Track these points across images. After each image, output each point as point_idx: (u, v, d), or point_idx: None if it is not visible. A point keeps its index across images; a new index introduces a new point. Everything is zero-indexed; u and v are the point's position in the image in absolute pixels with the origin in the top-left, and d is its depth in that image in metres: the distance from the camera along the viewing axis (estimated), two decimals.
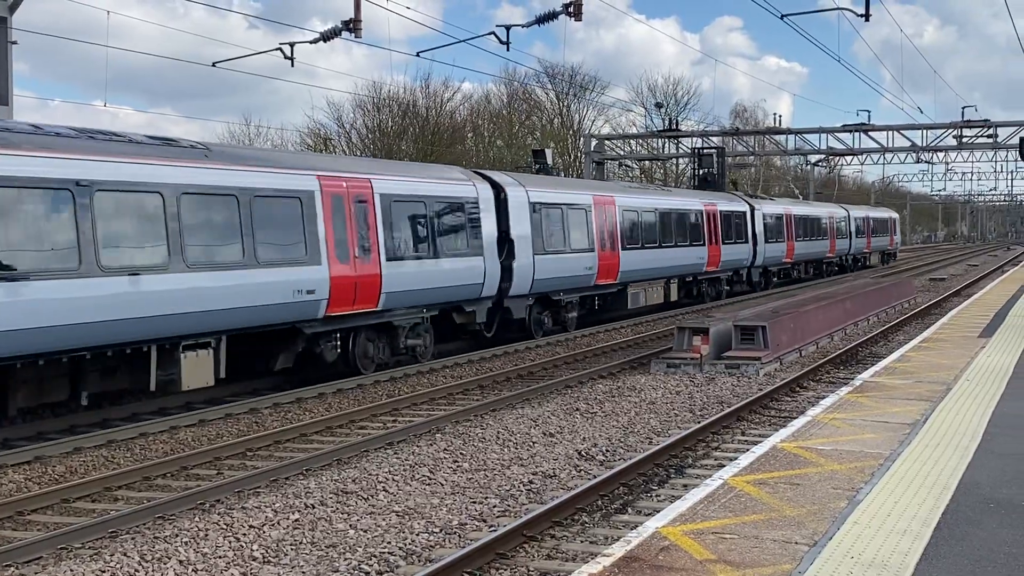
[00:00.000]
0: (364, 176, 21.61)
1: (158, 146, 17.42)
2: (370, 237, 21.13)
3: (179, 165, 17.29)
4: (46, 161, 14.91)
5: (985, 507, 9.03)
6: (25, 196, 14.62)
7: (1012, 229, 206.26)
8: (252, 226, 18.28)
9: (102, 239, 15.57)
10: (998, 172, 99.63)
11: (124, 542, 10.69)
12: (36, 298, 14.44)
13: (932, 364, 17.92)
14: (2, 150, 14.41)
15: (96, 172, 15.62)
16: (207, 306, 17.24)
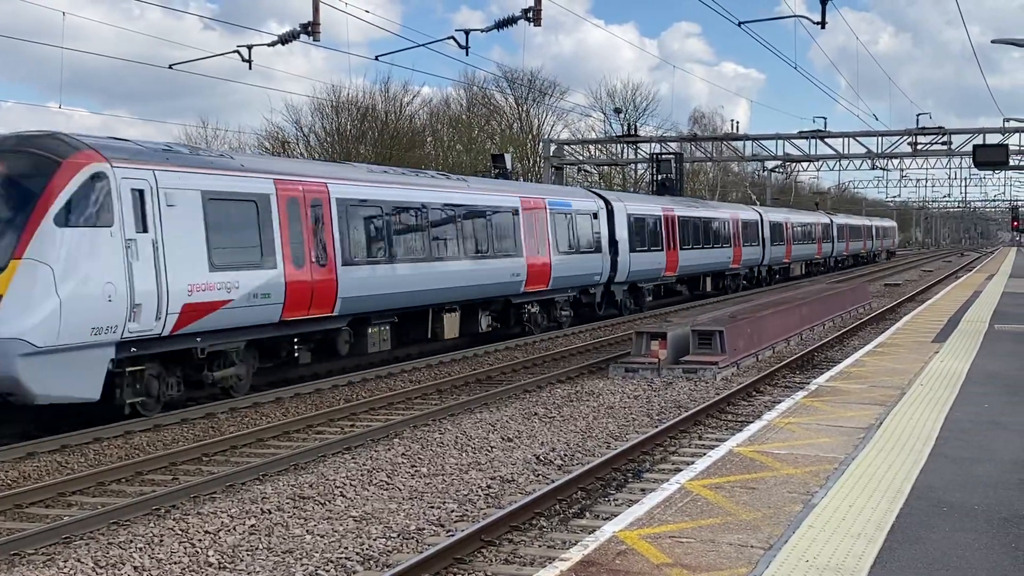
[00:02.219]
0: (540, 196, 30.96)
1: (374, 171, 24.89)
2: (546, 238, 30.02)
3: (393, 186, 23.99)
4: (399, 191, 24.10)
5: (938, 510, 9.13)
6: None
7: (966, 235, 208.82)
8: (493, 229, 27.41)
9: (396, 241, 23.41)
10: (952, 179, 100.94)
11: (78, 548, 10.59)
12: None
13: (886, 369, 18.09)
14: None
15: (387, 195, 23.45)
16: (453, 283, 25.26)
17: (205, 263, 17.66)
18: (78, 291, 15.26)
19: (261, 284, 18.90)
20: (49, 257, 15.07)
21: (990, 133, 50.25)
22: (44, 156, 15.87)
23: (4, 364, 14.50)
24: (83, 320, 15.30)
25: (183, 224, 17.31)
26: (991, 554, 7.98)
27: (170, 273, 16.79)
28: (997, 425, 13.06)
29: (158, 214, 16.86)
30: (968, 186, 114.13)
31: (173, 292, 16.84)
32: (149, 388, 17.27)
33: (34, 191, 15.41)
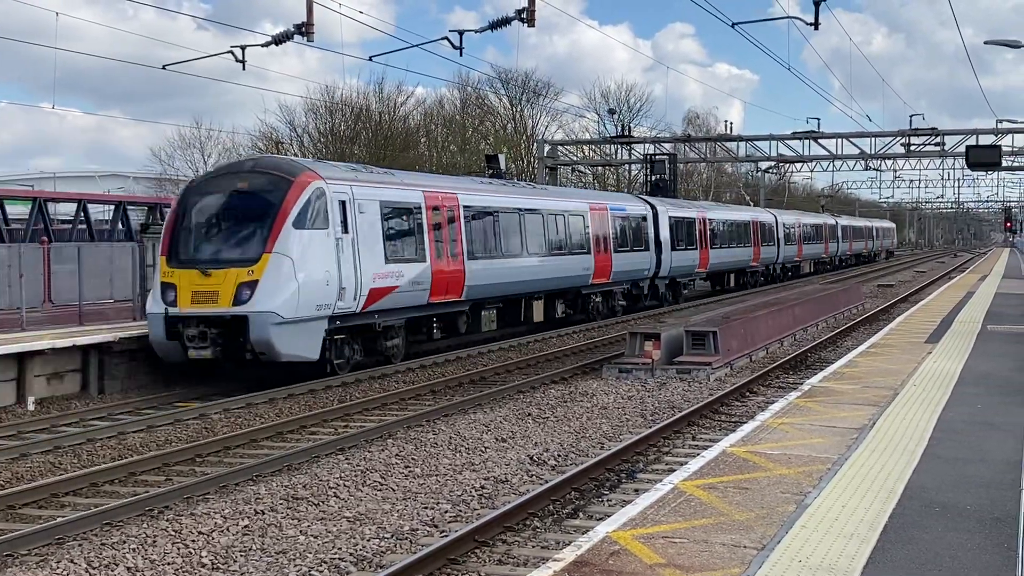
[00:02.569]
0: (602, 202, 36.13)
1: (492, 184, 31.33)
2: (608, 238, 34.75)
3: (499, 194, 29.38)
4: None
5: (931, 511, 9.14)
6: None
7: (959, 236, 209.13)
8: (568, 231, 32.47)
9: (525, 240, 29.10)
10: (945, 180, 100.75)
11: (71, 549, 10.57)
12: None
13: (880, 369, 18.11)
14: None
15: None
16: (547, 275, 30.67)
17: (383, 257, 22.56)
18: (309, 277, 20.14)
19: (416, 274, 23.73)
20: (290, 251, 19.95)
21: (983, 134, 50.31)
22: (280, 176, 20.79)
23: (261, 330, 19.45)
24: (311, 299, 20.24)
25: (369, 226, 22.18)
26: (983, 554, 7.99)
27: (362, 264, 21.69)
28: (990, 425, 13.08)
29: (355, 219, 21.66)
30: (961, 187, 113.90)
31: (364, 279, 21.69)
32: (343, 352, 21.96)
33: (275, 202, 20.21)
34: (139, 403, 19.40)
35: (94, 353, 20.41)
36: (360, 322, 22.08)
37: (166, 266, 20.51)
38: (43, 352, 19.31)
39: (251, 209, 20.47)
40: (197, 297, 19.93)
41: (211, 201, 21.01)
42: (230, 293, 19.70)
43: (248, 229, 20.37)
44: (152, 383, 21.34)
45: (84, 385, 20.40)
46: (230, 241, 20.55)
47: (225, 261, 20.10)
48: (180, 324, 19.95)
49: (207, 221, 20.90)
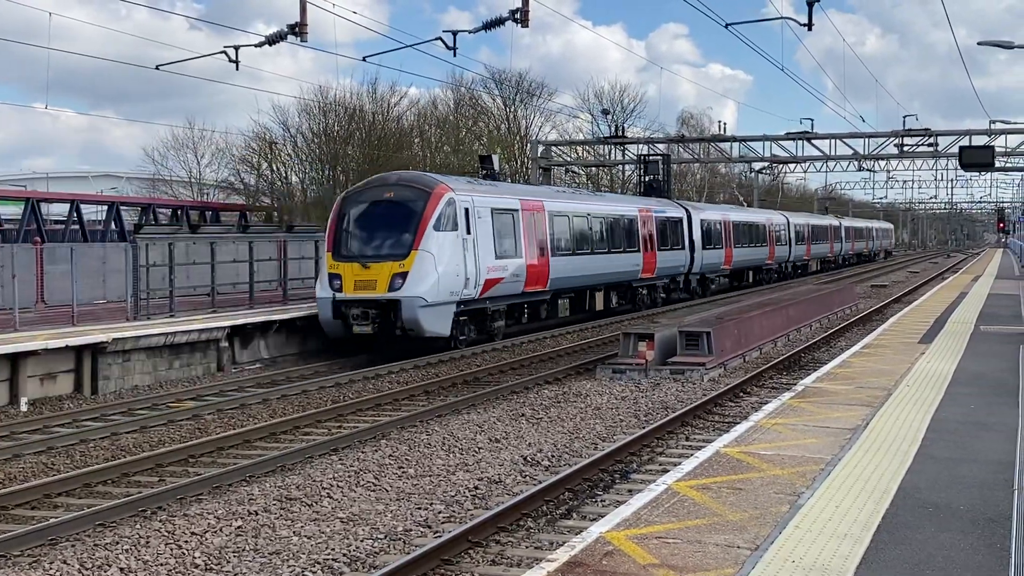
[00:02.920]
0: (648, 206, 40.44)
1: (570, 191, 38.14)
2: (653, 238, 39.10)
3: (572, 201, 34.92)
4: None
5: (924, 511, 9.16)
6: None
7: (952, 236, 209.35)
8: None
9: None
10: (938, 180, 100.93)
11: (64, 549, 10.56)
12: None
13: (873, 370, 18.13)
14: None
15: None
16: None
17: (493, 253, 27.27)
18: (445, 270, 24.98)
19: (515, 268, 28.47)
20: (431, 248, 24.81)
21: (976, 135, 50.37)
22: (421, 188, 25.83)
23: (411, 312, 24.30)
24: (446, 288, 25.09)
25: (484, 229, 27.00)
26: (976, 554, 8.01)
27: (480, 260, 26.45)
28: (983, 426, 13.10)
29: (474, 223, 26.38)
30: (954, 187, 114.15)
31: (481, 272, 26.43)
32: (464, 330, 26.60)
33: (418, 210, 25.12)
34: (132, 403, 19.37)
35: (87, 353, 20.39)
36: (477, 306, 27.01)
37: (332, 260, 25.36)
38: (36, 352, 19.28)
39: (399, 215, 25.42)
40: (359, 285, 24.86)
41: (365, 208, 25.97)
42: (386, 282, 24.62)
43: (398, 230, 25.26)
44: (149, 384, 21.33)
45: (77, 386, 20.38)
46: (384, 240, 25.41)
47: (381, 256, 25.07)
48: (344, 306, 24.87)
49: (363, 224, 25.81)
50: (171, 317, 24.51)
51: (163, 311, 24.97)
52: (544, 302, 31.13)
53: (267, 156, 62.28)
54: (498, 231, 27.78)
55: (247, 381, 21.88)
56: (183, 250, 26.83)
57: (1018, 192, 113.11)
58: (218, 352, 23.55)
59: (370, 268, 24.86)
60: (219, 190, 65.25)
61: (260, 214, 58.99)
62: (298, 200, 62.01)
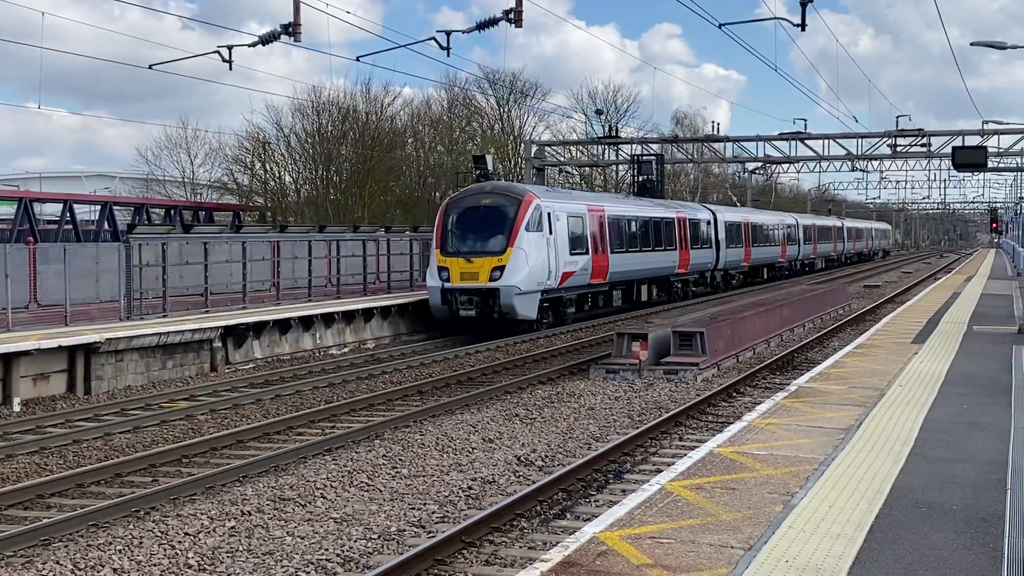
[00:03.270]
0: (683, 210, 45.84)
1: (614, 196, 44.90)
2: (686, 238, 43.99)
3: (626, 205, 39.95)
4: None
5: (917, 511, 9.17)
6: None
7: (945, 237, 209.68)
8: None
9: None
10: (931, 181, 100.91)
11: (57, 550, 10.54)
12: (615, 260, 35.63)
13: (866, 370, 18.15)
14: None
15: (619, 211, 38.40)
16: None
17: (568, 251, 31.96)
18: (534, 264, 29.85)
19: (584, 264, 33.15)
20: (524, 246, 29.64)
21: (969, 135, 50.42)
22: (513, 196, 30.81)
23: (508, 298, 29.13)
24: (535, 279, 30.04)
25: (561, 230, 31.59)
26: (969, 554, 8.02)
27: (559, 256, 31.24)
28: (975, 426, 13.13)
29: (554, 225, 31.11)
30: (947, 188, 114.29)
31: (559, 267, 31.18)
32: (546, 315, 31.40)
33: (511, 214, 30.02)
34: (125, 404, 19.34)
35: (80, 353, 20.36)
36: (555, 295, 31.83)
37: (440, 255, 30.25)
38: (29, 353, 19.25)
39: (495, 217, 30.23)
40: (463, 276, 29.68)
41: (467, 213, 30.70)
42: (487, 274, 29.47)
43: (495, 231, 30.04)
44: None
45: (70, 386, 20.35)
46: (484, 239, 30.17)
47: (482, 252, 29.87)
48: (450, 294, 29.72)
49: (465, 225, 30.52)
50: (164, 317, 24.48)
51: (156, 311, 24.93)
52: (603, 293, 36.16)
53: (260, 156, 62.14)
54: (571, 232, 32.56)
55: (240, 381, 21.85)
56: (176, 250, 26.79)
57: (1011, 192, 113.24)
58: (211, 352, 23.53)
59: (473, 262, 29.72)
60: (212, 190, 65.13)
61: (253, 214, 58.91)
62: (292, 200, 61.93)
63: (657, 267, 40.76)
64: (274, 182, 62.51)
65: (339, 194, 59.72)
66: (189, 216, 49.23)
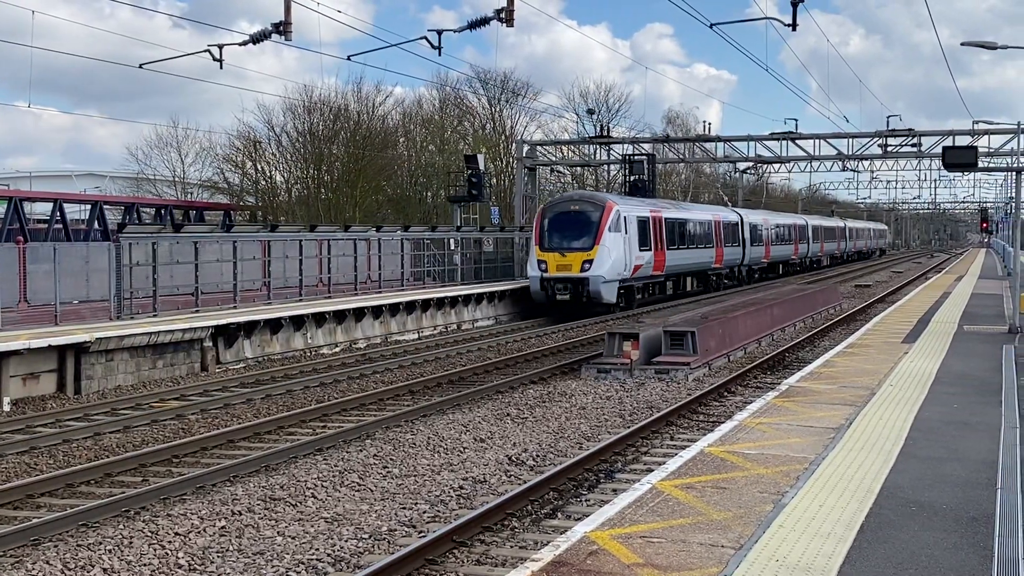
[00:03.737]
0: (718, 213, 52.43)
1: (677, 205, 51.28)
2: (720, 237, 50.67)
3: (675, 210, 46.85)
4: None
5: (907, 510, 9.19)
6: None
7: (935, 236, 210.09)
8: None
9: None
10: (922, 181, 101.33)
11: (47, 550, 10.51)
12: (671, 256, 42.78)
13: (857, 369, 18.19)
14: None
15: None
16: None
17: (637, 248, 38.41)
18: (615, 258, 36.30)
19: (647, 258, 39.52)
20: (607, 244, 36.03)
21: (959, 135, 50.55)
22: (598, 203, 37.32)
23: (596, 286, 35.45)
24: (616, 270, 36.43)
25: (632, 231, 38.04)
26: (959, 553, 8.04)
27: (632, 252, 37.78)
28: (966, 425, 13.16)
29: (628, 227, 37.63)
30: (938, 188, 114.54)
31: (632, 260, 37.73)
32: (621, 300, 37.32)
33: (596, 218, 36.32)
34: (116, 403, 19.30)
35: (70, 353, 20.31)
36: (628, 283, 38.39)
37: (540, 251, 36.78)
38: (19, 352, 19.19)
39: (584, 220, 36.77)
40: (559, 267, 36.27)
41: (560, 216, 37.34)
42: (578, 266, 36.00)
43: (585, 231, 36.53)
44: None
45: (60, 385, 20.29)
46: (575, 237, 36.58)
47: (574, 248, 36.37)
48: (548, 282, 36.34)
49: (559, 226, 37.00)
50: (155, 317, 24.42)
51: (147, 311, 24.87)
52: (659, 283, 43.05)
53: (251, 155, 62.09)
54: (640, 232, 38.98)
55: (231, 381, 21.82)
56: (167, 249, 26.70)
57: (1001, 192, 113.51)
58: (202, 352, 23.49)
59: (567, 256, 36.25)
60: (203, 189, 65.05)
61: (244, 213, 58.84)
62: (283, 199, 61.86)
63: (700, 262, 47.95)
64: (265, 181, 62.46)
65: (330, 193, 59.67)
66: (180, 215, 49.16)
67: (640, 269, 38.99)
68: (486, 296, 36.53)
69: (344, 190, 59.02)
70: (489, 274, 40.83)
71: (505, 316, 37.47)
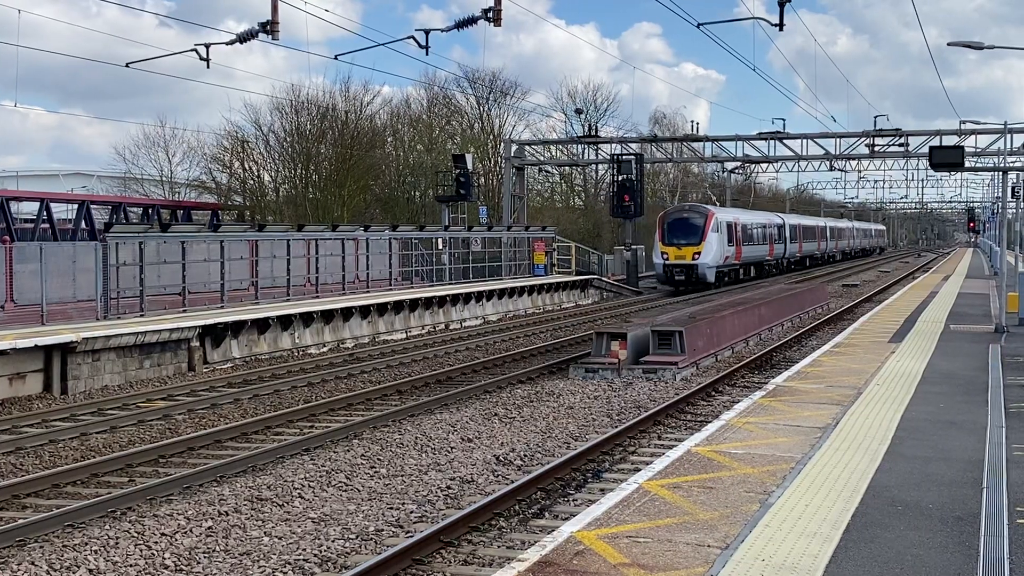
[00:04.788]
0: (771, 217, 68.81)
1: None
2: (774, 235, 65.81)
3: (748, 213, 66.43)
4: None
5: (893, 509, 9.21)
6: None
7: (923, 236, 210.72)
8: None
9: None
10: (909, 180, 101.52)
11: (32, 551, 10.47)
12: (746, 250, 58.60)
13: (844, 369, 18.23)
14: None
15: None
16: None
17: (727, 244, 52.59)
18: (715, 251, 50.87)
19: (732, 251, 53.31)
20: (710, 240, 50.47)
21: (946, 135, 50.82)
22: (703, 211, 51.98)
23: (703, 271, 50.11)
24: (716, 260, 51.22)
25: (724, 231, 52.22)
26: (945, 552, 8.06)
27: (724, 247, 52.29)
28: (952, 424, 13.21)
29: (722, 228, 51.89)
30: (925, 187, 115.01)
31: (724, 252, 52.09)
32: (716, 281, 51.19)
33: (702, 223, 50.67)
34: (102, 403, 19.25)
35: (57, 353, 20.25)
36: (720, 270, 51.75)
37: (662, 245, 50.21)
38: (5, 352, 19.13)
39: (694, 224, 50.58)
40: (676, 257, 49.76)
41: (676, 221, 51.13)
42: (690, 256, 49.47)
43: (695, 231, 50.08)
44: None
45: (47, 385, 20.23)
46: (688, 236, 50.00)
47: (686, 244, 49.82)
48: (668, 268, 50.05)
49: (676, 228, 50.59)
50: (142, 316, 24.37)
51: (134, 310, 24.81)
52: (736, 270, 55.82)
53: (239, 155, 61.97)
54: (729, 233, 53.11)
55: (218, 381, 21.77)
56: (154, 249, 26.63)
57: (988, 192, 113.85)
58: (189, 352, 23.43)
59: (682, 249, 50.00)
60: (191, 189, 64.88)
61: (232, 213, 58.72)
62: (270, 199, 61.76)
63: (760, 255, 61.99)
64: (253, 181, 62.35)
65: (318, 193, 59.58)
66: (167, 215, 48.99)
67: (728, 259, 53.44)
68: (473, 296, 36.49)
69: (332, 190, 58.94)
70: (477, 273, 40.83)
71: (495, 316, 37.46)
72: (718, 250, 50.88)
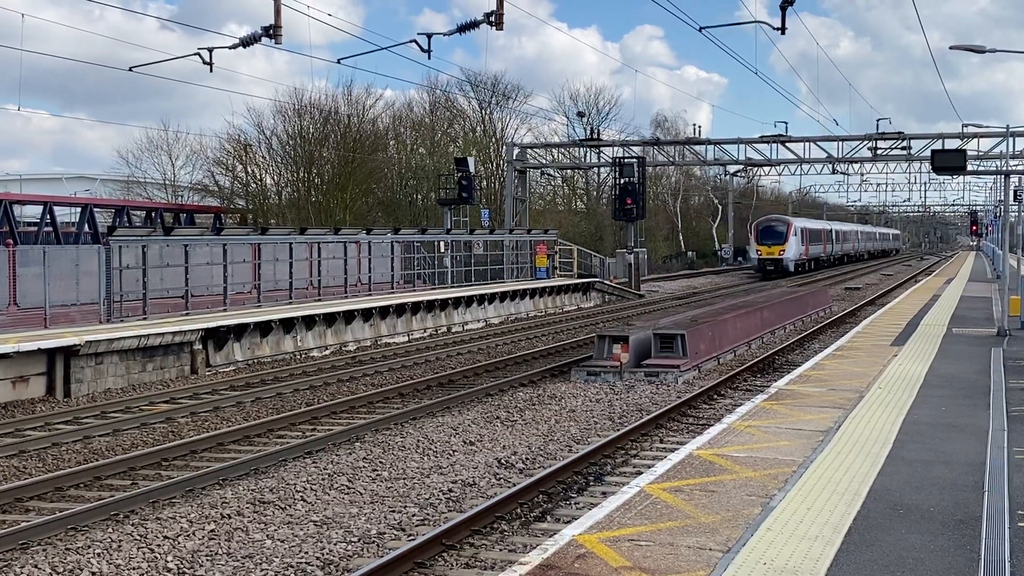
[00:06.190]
0: (826, 223, 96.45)
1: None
2: (823, 239, 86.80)
3: (816, 221, 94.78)
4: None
5: (895, 513, 9.22)
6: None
7: (925, 239, 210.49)
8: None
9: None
10: (911, 183, 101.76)
11: (35, 554, 10.49)
12: (808, 249, 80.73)
13: (846, 372, 18.23)
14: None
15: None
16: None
17: (801, 244, 74.88)
18: (796, 248, 73.53)
19: (802, 250, 75.11)
20: (791, 242, 72.84)
21: (949, 138, 50.76)
22: (785, 220, 75.27)
23: (787, 263, 72.38)
24: (794, 255, 74.28)
25: (801, 235, 74.89)
26: (946, 556, 8.07)
27: (800, 246, 74.62)
28: (954, 428, 13.21)
29: (799, 232, 74.57)
30: (927, 190, 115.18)
31: (800, 250, 75.09)
32: (794, 271, 73.68)
33: (784, 229, 73.04)
34: (105, 406, 19.27)
35: (60, 356, 20.27)
36: (797, 262, 72.81)
37: (757, 245, 72.54)
38: (8, 355, 19.16)
39: (779, 230, 72.33)
40: (767, 253, 71.73)
41: (766, 228, 72.76)
42: (778, 252, 71.55)
43: (780, 234, 71.85)
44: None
45: (50, 388, 20.25)
46: (775, 238, 71.74)
47: (775, 244, 71.63)
48: (761, 261, 71.99)
49: (766, 233, 72.22)
50: (144, 319, 24.40)
51: (137, 313, 24.83)
52: (805, 263, 72.88)
53: (242, 158, 62.03)
54: (802, 236, 70.82)
55: (220, 384, 21.80)
56: (157, 252, 26.66)
57: (991, 195, 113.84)
58: (192, 354, 23.45)
59: (772, 248, 70.25)
60: (193, 192, 64.96)
61: (235, 216, 58.77)
62: (273, 202, 61.81)
63: (820, 253, 79.78)
64: (255, 184, 62.41)
65: (320, 196, 59.65)
66: (170, 218, 48.99)
67: (800, 256, 72.27)
68: (475, 299, 36.51)
69: (334, 193, 59.02)
70: (479, 276, 40.84)
71: (496, 319, 37.48)
72: (796, 248, 72.24)
